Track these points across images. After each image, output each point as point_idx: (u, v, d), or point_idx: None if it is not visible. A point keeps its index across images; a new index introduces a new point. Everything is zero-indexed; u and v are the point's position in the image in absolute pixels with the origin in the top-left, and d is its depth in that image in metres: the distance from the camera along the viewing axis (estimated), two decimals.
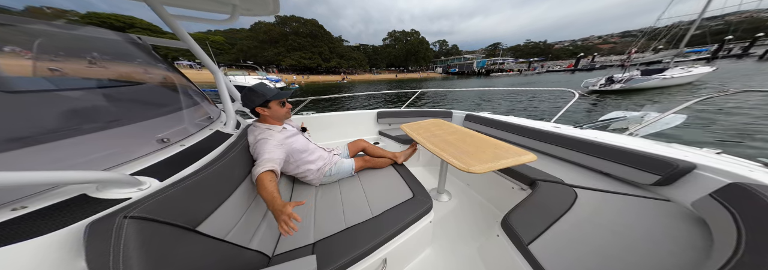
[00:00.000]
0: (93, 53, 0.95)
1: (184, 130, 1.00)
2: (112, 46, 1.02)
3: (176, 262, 0.54)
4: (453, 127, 1.62)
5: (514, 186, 1.40)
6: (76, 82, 0.88)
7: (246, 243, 0.79)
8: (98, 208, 0.54)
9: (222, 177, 0.83)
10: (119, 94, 0.94)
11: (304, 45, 53.59)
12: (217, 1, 1.23)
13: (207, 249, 0.65)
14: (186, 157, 0.84)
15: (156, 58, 1.15)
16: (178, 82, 1.17)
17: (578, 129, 1.61)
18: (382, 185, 1.29)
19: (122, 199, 0.57)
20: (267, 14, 1.42)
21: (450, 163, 1.01)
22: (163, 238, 0.55)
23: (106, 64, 1.00)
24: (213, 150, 0.94)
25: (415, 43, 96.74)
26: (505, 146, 1.15)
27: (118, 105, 0.89)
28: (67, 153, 0.62)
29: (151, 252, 0.50)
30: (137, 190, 0.61)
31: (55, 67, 0.84)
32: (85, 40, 0.94)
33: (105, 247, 0.47)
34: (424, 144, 1.29)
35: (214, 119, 1.24)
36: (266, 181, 0.89)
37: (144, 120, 0.88)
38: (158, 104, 1.02)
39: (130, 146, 0.76)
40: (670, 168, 1.04)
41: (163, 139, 0.86)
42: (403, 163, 1.55)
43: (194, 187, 0.69)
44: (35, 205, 0.50)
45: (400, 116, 2.68)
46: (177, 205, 0.62)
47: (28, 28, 0.79)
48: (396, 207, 1.05)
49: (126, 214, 0.51)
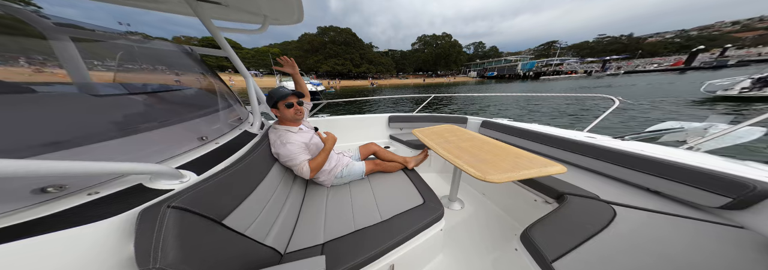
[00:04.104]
0: (156, 62, 1.08)
1: (219, 130, 1.05)
2: (170, 56, 1.13)
3: (202, 253, 0.55)
4: (468, 133, 1.52)
5: (537, 198, 1.27)
6: (141, 86, 0.99)
7: (262, 239, 0.79)
8: (149, 196, 0.57)
9: (246, 174, 0.86)
10: (172, 97, 1.03)
11: (339, 52, 55.94)
12: (252, 13, 1.30)
13: (229, 242, 0.65)
14: (219, 154, 0.88)
15: (202, 66, 1.26)
16: (218, 87, 1.26)
17: (618, 140, 1.39)
18: (392, 189, 1.24)
19: (167, 190, 0.61)
20: (292, 23, 1.46)
21: (464, 171, 0.95)
22: (196, 228, 0.57)
23: (165, 71, 1.12)
24: (241, 148, 0.98)
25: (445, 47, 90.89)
26: (528, 156, 1.05)
27: (170, 107, 0.98)
28: (132, 147, 0.69)
29: (184, 241, 0.52)
30: (179, 183, 0.65)
31: (129, 74, 0.97)
32: (151, 51, 1.07)
33: (150, 233, 0.49)
34: (436, 150, 1.22)
35: (244, 120, 1.30)
36: (314, 162, 1.13)
37: (189, 120, 0.95)
38: (200, 106, 1.08)
39: (176, 143, 0.82)
40: (746, 190, 0.84)
41: (202, 137, 0.91)
42: (414, 168, 1.48)
43: (224, 183, 0.72)
44: (105, 191, 0.55)
45: (412, 121, 2.57)
46: (209, 198, 0.64)
47: (114, 43, 0.93)
48: (406, 212, 1.01)
49: (169, 204, 0.54)
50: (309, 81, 21.50)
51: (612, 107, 1.83)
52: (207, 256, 0.55)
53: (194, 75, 1.20)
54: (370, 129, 2.62)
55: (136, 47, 0.98)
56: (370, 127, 2.62)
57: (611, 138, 1.46)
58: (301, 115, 1.24)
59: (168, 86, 1.07)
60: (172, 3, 1.09)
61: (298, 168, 1.11)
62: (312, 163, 1.14)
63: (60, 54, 0.75)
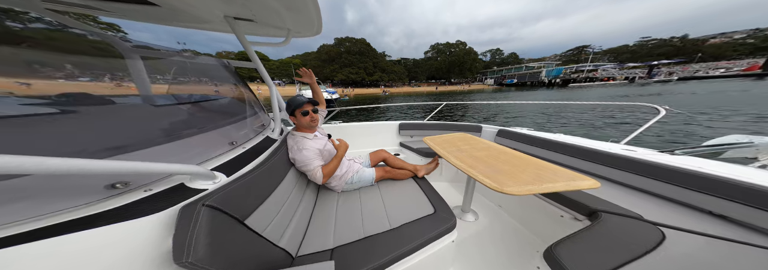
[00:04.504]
0: (201, 75, 1.26)
1: (246, 135, 1.14)
2: (212, 69, 1.29)
3: (226, 251, 0.57)
4: (482, 142, 1.48)
5: (563, 214, 1.19)
6: (187, 97, 1.13)
7: (276, 240, 0.81)
8: (188, 195, 0.62)
9: (267, 177, 0.90)
10: (210, 106, 1.17)
11: (353, 61, 57.88)
12: (277, 27, 1.41)
13: (248, 242, 0.68)
14: (245, 157, 0.94)
15: (236, 77, 1.41)
16: (247, 96, 1.39)
17: (666, 155, 1.25)
18: (401, 197, 1.23)
19: (202, 190, 0.66)
20: (312, 35, 1.56)
21: (479, 181, 0.91)
22: (223, 226, 0.60)
23: (207, 83, 1.29)
24: (263, 153, 1.04)
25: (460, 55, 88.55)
26: (551, 168, 0.99)
27: (208, 114, 1.10)
28: (178, 150, 0.77)
29: (213, 238, 0.55)
30: (213, 183, 0.70)
31: (180, 86, 1.14)
32: (198, 66, 1.23)
33: (186, 228, 0.53)
34: (448, 158, 1.20)
35: (266, 126, 1.40)
36: (327, 168, 1.19)
37: (223, 126, 1.03)
38: (232, 114, 1.19)
39: (212, 147, 0.89)
40: None
41: (232, 142, 0.99)
42: (425, 176, 1.47)
43: (248, 184, 0.76)
44: (157, 189, 0.61)
45: (423, 129, 2.55)
46: (236, 199, 0.68)
47: (171, 60, 1.10)
48: (416, 221, 0.99)
49: (204, 202, 0.58)
50: (325, 89, 22.32)
51: (656, 117, 1.65)
52: (230, 254, 0.58)
53: (229, 85, 1.35)
54: (380, 136, 2.63)
55: (186, 63, 1.16)
56: (380, 134, 2.64)
57: (656, 152, 1.31)
58: (316, 123, 1.29)
59: (207, 96, 1.22)
60: (216, 23, 1.24)
61: (312, 173, 1.16)
62: (325, 168, 1.18)
63: (132, 71, 0.92)
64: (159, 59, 1.07)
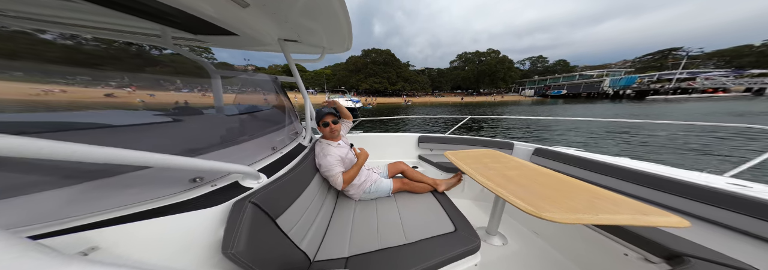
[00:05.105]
0: (257, 87, 1.55)
1: (283, 141, 1.25)
2: (265, 83, 1.55)
3: (259, 247, 0.61)
4: (514, 160, 1.38)
5: (628, 252, 1.03)
6: (247, 107, 1.38)
7: (298, 242, 0.84)
8: (240, 192, 0.70)
9: (297, 180, 0.97)
10: (261, 115, 1.39)
11: (377, 71, 60.00)
12: (315, 46, 1.58)
13: (276, 241, 0.71)
14: (282, 161, 1.04)
15: (281, 90, 1.67)
16: (287, 107, 1.60)
17: None
18: (419, 211, 1.21)
19: (249, 188, 0.74)
20: (343, 51, 1.73)
21: (510, 203, 0.84)
22: (260, 223, 0.65)
23: (261, 94, 1.57)
24: (295, 158, 1.14)
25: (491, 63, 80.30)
26: (610, 196, 0.87)
27: (259, 123, 1.30)
28: (236, 153, 0.88)
29: (252, 234, 0.59)
30: (257, 183, 0.77)
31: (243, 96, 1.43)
32: (256, 80, 1.52)
33: (235, 222, 0.58)
34: (473, 175, 1.13)
35: (299, 134, 1.53)
36: (347, 174, 1.23)
37: (268, 133, 1.16)
38: (275, 122, 1.34)
39: (259, 151, 1.00)
40: None
41: (273, 147, 1.11)
42: (445, 192, 1.44)
43: (283, 186, 0.83)
44: (220, 184, 0.70)
45: (444, 142, 2.49)
46: (272, 199, 0.74)
47: (239, 78, 1.40)
48: (435, 238, 0.96)
49: (250, 200, 0.65)
50: (349, 98, 23.36)
51: None
52: (262, 251, 0.62)
53: (275, 96, 1.61)
54: (398, 147, 2.63)
55: (248, 79, 1.45)
56: (398, 145, 2.63)
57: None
58: (335, 133, 1.39)
59: (259, 106, 1.48)
60: (272, 45, 1.44)
61: (333, 179, 1.22)
62: (346, 175, 1.24)
63: (213, 87, 1.22)
64: (231, 78, 1.38)
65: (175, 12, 0.72)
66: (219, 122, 1.09)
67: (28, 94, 0.61)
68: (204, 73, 1.14)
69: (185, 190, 0.62)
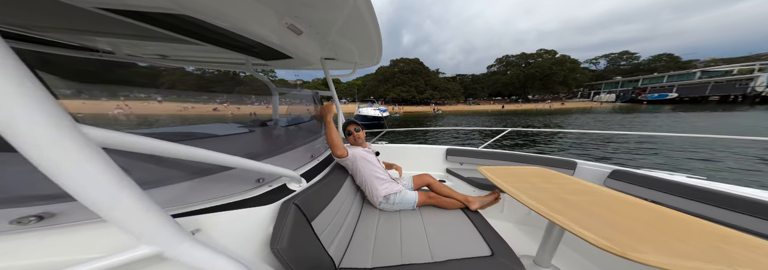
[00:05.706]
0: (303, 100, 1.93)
1: (320, 149, 1.39)
2: (308, 97, 1.84)
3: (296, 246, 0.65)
4: (579, 183, 1.12)
5: None
6: (295, 118, 1.68)
7: (327, 246, 0.85)
8: (287, 193, 0.79)
9: (329, 186, 1.05)
10: (305, 126, 1.64)
11: (405, 80, 61.10)
12: (348, 62, 1.77)
13: (310, 242, 0.74)
14: (318, 167, 1.15)
15: (320, 103, 1.97)
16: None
17: None
18: (447, 229, 1.14)
19: (293, 190, 0.83)
20: (373, 65, 1.89)
21: (576, 234, 0.68)
22: (300, 224, 0.70)
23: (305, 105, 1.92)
24: (328, 165, 1.26)
25: (544, 65, 65.95)
26: (748, 240, 0.66)
27: (303, 133, 1.51)
28: (284, 159, 0.99)
29: (292, 233, 0.65)
30: (299, 186, 0.86)
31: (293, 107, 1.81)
32: (301, 95, 1.86)
33: (282, 220, 0.65)
34: (517, 196, 0.97)
35: None
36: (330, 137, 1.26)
37: (309, 142, 1.28)
38: (315, 132, 1.48)
39: (301, 158, 1.13)
40: None
41: (312, 155, 1.24)
42: (478, 210, 1.32)
43: (319, 191, 0.91)
44: (274, 185, 0.80)
45: (476, 156, 2.28)
46: (310, 202, 0.81)
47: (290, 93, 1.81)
48: (466, 260, 0.88)
49: (294, 201, 0.72)
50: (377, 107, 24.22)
51: None
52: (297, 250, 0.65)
53: (315, 107, 1.90)
54: (423, 160, 2.50)
55: (297, 94, 1.84)
56: (424, 157, 2.51)
57: None
58: (359, 141, 1.52)
59: (302, 118, 1.75)
60: (315, 64, 1.60)
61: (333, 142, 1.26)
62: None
63: (273, 102, 1.61)
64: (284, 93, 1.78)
65: (254, 43, 0.90)
66: (276, 132, 1.39)
67: (177, 110, 1.00)
68: (268, 91, 1.55)
69: (252, 188, 0.74)
